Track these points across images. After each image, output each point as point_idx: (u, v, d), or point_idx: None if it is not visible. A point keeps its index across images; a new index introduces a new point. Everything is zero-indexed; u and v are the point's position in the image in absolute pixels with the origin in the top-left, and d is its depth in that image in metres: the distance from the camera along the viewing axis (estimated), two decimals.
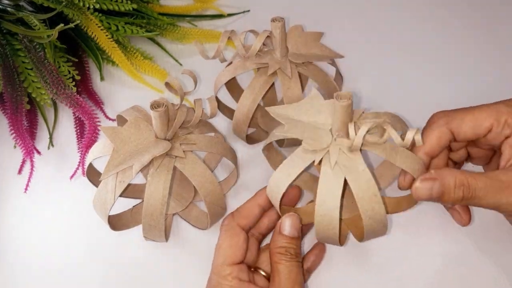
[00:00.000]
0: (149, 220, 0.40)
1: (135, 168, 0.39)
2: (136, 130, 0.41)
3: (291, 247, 0.38)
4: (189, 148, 0.42)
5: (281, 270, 0.37)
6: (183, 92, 0.42)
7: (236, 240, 0.39)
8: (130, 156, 0.39)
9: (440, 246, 0.45)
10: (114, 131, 0.40)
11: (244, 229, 0.41)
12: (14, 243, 0.47)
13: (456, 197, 0.36)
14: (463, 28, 0.65)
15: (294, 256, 0.38)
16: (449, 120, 0.39)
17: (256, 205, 0.42)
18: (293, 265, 0.38)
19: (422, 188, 0.36)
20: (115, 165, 0.39)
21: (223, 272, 0.38)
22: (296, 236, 0.39)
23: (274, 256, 0.38)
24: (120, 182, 0.39)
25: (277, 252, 0.38)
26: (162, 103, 0.39)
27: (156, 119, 0.39)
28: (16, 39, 0.56)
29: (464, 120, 0.39)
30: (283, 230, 0.39)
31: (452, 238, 0.45)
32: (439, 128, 0.39)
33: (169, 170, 0.40)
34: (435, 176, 0.36)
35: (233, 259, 0.39)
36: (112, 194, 0.40)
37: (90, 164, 0.44)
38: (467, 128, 0.39)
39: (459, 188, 0.36)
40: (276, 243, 0.39)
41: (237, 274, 0.38)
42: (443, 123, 0.39)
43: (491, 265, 0.43)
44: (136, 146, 0.40)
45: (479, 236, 0.45)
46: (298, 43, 0.48)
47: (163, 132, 0.40)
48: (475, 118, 0.39)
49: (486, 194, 0.35)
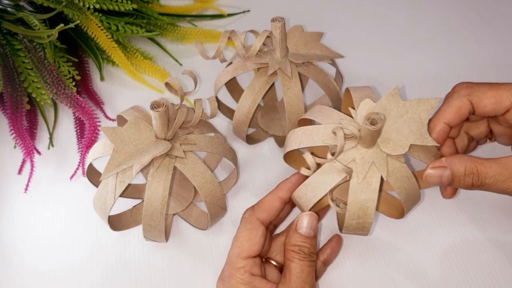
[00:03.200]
0: (149, 220, 0.40)
1: (135, 168, 0.39)
2: (136, 130, 0.41)
3: (305, 246, 0.38)
4: (189, 148, 0.42)
5: (293, 268, 0.37)
6: (183, 92, 0.42)
7: (254, 234, 0.39)
8: (130, 156, 0.39)
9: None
10: (114, 131, 0.40)
11: (264, 223, 0.40)
12: (14, 243, 0.47)
13: (465, 184, 0.37)
14: (464, 28, 0.65)
15: (308, 255, 0.37)
16: (471, 92, 0.39)
17: (277, 198, 0.40)
18: (305, 265, 0.37)
19: (433, 175, 0.37)
20: (115, 165, 0.39)
21: (237, 264, 0.38)
22: (312, 236, 0.38)
23: (287, 253, 0.38)
24: (120, 182, 0.39)
25: (291, 249, 0.37)
26: (162, 103, 0.39)
27: (156, 119, 0.39)
28: (16, 39, 0.56)
29: (486, 95, 0.38)
30: (299, 229, 0.38)
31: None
32: (460, 99, 0.39)
33: (169, 170, 0.40)
34: (445, 164, 0.37)
35: (248, 253, 0.38)
36: (112, 194, 0.40)
37: (90, 164, 0.44)
38: (487, 102, 0.38)
39: (468, 176, 0.36)
40: (291, 240, 0.38)
41: (250, 268, 0.38)
42: (465, 94, 0.39)
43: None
44: (136, 146, 0.40)
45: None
46: (298, 43, 0.48)
47: (163, 132, 0.40)
48: (498, 95, 0.38)
49: (496, 182, 0.36)
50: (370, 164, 0.36)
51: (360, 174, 0.36)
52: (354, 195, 0.36)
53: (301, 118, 0.44)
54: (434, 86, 0.59)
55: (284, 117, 0.53)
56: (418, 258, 0.44)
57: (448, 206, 0.47)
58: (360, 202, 0.36)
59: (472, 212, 0.47)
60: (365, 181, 0.36)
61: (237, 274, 0.38)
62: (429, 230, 0.46)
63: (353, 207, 0.37)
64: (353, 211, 0.37)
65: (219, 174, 0.51)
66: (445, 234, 0.45)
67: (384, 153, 0.36)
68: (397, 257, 0.44)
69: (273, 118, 0.54)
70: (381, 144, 0.36)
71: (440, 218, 0.46)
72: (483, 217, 0.46)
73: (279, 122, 0.53)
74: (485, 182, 0.36)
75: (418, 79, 0.60)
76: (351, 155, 0.37)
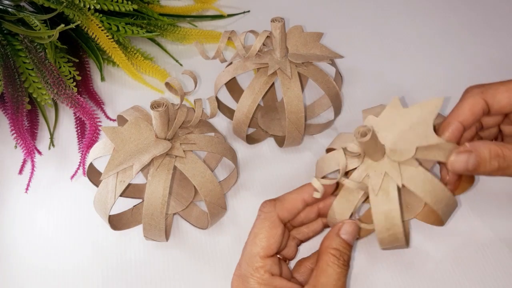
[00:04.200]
0: (149, 220, 0.40)
1: (135, 167, 0.39)
2: (136, 130, 0.41)
3: (345, 252, 0.37)
4: (189, 148, 0.42)
5: (329, 273, 0.36)
6: (183, 92, 0.42)
7: (275, 232, 0.37)
8: (131, 156, 0.39)
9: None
10: (114, 131, 0.40)
11: (283, 222, 0.38)
12: (15, 243, 0.47)
13: (492, 167, 0.36)
14: (464, 28, 0.65)
15: (347, 263, 0.37)
16: (483, 90, 0.39)
17: (301, 199, 0.39)
18: (342, 274, 0.36)
19: (458, 161, 0.36)
20: (116, 164, 0.39)
21: (256, 263, 0.37)
22: (351, 244, 0.37)
23: (325, 255, 0.36)
24: (121, 182, 0.39)
25: (331, 253, 0.36)
26: (162, 103, 0.39)
27: (156, 119, 0.39)
28: (17, 39, 0.56)
29: (498, 90, 0.38)
30: (343, 234, 0.37)
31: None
32: (473, 97, 0.39)
33: (169, 170, 0.40)
34: (470, 148, 0.36)
35: (267, 252, 0.37)
36: (112, 194, 0.40)
37: (91, 164, 0.44)
38: (501, 97, 0.38)
39: (494, 159, 0.36)
40: (332, 243, 0.37)
41: (269, 268, 0.37)
42: (478, 92, 0.39)
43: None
44: (136, 146, 0.40)
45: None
46: (298, 43, 0.48)
47: (163, 132, 0.41)
48: (510, 88, 0.38)
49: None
50: (383, 175, 0.37)
51: (375, 186, 0.37)
52: (375, 208, 0.37)
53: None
54: (434, 85, 0.59)
55: (284, 117, 0.53)
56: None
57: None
58: (384, 214, 0.36)
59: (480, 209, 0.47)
60: (383, 192, 0.37)
61: (257, 273, 0.36)
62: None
63: (378, 219, 0.37)
64: (380, 224, 0.37)
65: (219, 174, 0.51)
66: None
67: (396, 162, 0.37)
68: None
69: (273, 118, 0.54)
70: (389, 154, 0.37)
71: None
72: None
73: (279, 122, 0.54)
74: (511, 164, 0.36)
75: (418, 78, 0.60)
76: (364, 172, 0.38)
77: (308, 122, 0.55)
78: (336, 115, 0.52)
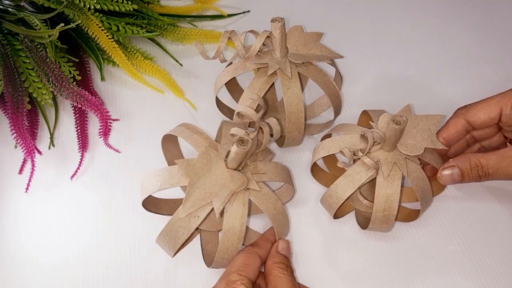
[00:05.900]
0: (223, 254, 0.40)
1: (216, 206, 0.38)
2: (207, 161, 0.39)
3: (288, 265, 0.41)
4: (260, 179, 0.41)
5: (285, 281, 0.39)
6: (259, 121, 0.41)
7: (253, 261, 0.40)
8: (208, 192, 0.38)
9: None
10: (188, 164, 0.39)
11: (261, 259, 0.41)
12: (15, 242, 0.47)
13: (474, 176, 0.43)
14: (464, 28, 0.66)
15: (292, 273, 0.41)
16: (465, 111, 0.45)
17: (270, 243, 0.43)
18: (294, 282, 0.40)
19: (444, 175, 0.44)
20: (194, 201, 0.38)
21: (233, 277, 0.38)
22: (288, 258, 0.42)
23: (274, 270, 0.40)
24: (195, 217, 0.38)
25: (278, 266, 0.40)
26: (248, 140, 0.38)
27: (238, 155, 0.38)
28: (17, 39, 0.56)
29: (477, 109, 0.45)
30: (280, 250, 0.42)
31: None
32: (456, 118, 0.46)
33: (245, 204, 0.39)
34: (452, 163, 0.43)
35: (246, 271, 0.39)
36: (185, 230, 0.38)
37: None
38: (481, 115, 0.45)
39: (474, 169, 0.43)
40: (275, 259, 0.41)
41: (246, 282, 0.38)
42: (460, 114, 0.46)
43: None
44: (210, 178, 0.39)
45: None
46: (298, 43, 0.48)
47: (237, 164, 0.39)
48: (487, 105, 0.44)
49: (497, 170, 0.42)
50: (392, 164, 0.42)
51: (385, 171, 0.42)
52: (380, 189, 0.41)
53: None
54: (434, 85, 0.59)
55: (284, 117, 0.53)
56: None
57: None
58: (386, 196, 0.41)
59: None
60: (390, 178, 0.42)
61: (233, 285, 0.38)
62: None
63: (379, 200, 0.41)
64: (380, 204, 0.42)
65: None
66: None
67: (403, 156, 0.42)
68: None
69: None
70: (400, 148, 0.42)
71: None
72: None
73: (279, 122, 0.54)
74: (489, 171, 0.42)
75: (418, 78, 0.60)
76: (376, 157, 0.42)
77: (308, 122, 0.56)
78: (336, 115, 0.52)
